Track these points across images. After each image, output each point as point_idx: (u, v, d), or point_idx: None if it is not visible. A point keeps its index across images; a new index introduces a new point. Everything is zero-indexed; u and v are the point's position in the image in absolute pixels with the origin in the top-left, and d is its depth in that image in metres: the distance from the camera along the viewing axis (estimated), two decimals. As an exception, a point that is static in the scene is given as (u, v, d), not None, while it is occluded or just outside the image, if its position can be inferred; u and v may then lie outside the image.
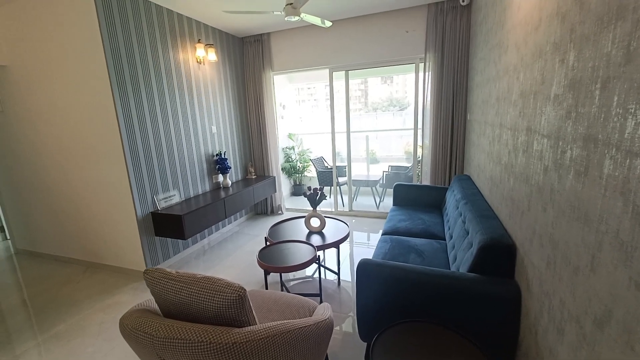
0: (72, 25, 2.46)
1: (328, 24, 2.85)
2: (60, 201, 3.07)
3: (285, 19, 2.45)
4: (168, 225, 2.79)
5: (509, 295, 1.36)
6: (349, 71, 3.85)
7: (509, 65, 1.72)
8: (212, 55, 3.41)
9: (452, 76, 3.26)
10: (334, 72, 3.91)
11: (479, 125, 2.57)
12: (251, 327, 1.03)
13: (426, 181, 3.66)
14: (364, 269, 1.58)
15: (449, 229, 2.33)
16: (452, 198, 2.57)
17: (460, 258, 1.74)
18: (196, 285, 1.04)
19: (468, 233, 1.82)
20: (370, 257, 1.99)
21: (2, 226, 3.83)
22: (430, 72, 3.36)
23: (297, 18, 2.45)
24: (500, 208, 1.80)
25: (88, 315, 2.29)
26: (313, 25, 3.73)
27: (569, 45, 1.01)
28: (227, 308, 1.00)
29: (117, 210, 2.78)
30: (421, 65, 3.47)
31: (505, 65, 1.80)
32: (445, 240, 2.39)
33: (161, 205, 2.90)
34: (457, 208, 2.29)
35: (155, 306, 1.24)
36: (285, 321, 1.13)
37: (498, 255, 1.46)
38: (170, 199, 3.02)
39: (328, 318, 1.30)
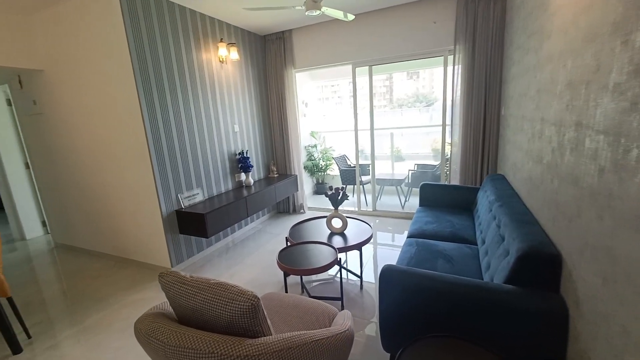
0: (100, 29, 2.54)
1: (350, 17, 2.74)
2: (91, 199, 3.21)
3: (306, 13, 2.37)
4: (191, 223, 2.83)
5: (554, 312, 1.20)
6: (373, 66, 3.71)
7: (554, 52, 1.54)
8: (234, 54, 3.41)
9: (485, 68, 3.03)
10: (357, 68, 3.78)
11: (515, 120, 2.35)
12: (265, 337, 0.98)
13: (455, 181, 3.46)
14: (388, 276, 1.48)
15: (481, 232, 2.16)
16: (485, 199, 2.38)
17: (495, 266, 1.59)
18: (209, 292, 0.99)
19: (504, 239, 1.66)
20: (395, 261, 1.89)
21: (44, 221, 4.10)
22: (460, 65, 3.15)
23: (318, 12, 2.37)
24: (541, 212, 1.62)
25: (116, 310, 2.37)
26: (335, 20, 3.63)
27: (635, 24, 0.85)
28: (240, 317, 0.95)
29: (143, 209, 2.85)
30: (450, 57, 3.27)
31: (549, 53, 1.61)
32: (476, 245, 2.22)
33: (185, 203, 2.95)
34: (491, 211, 2.11)
35: (171, 309, 1.22)
36: (301, 332, 1.06)
37: (539, 265, 1.31)
38: (194, 197, 3.07)
39: (347, 329, 1.21)
